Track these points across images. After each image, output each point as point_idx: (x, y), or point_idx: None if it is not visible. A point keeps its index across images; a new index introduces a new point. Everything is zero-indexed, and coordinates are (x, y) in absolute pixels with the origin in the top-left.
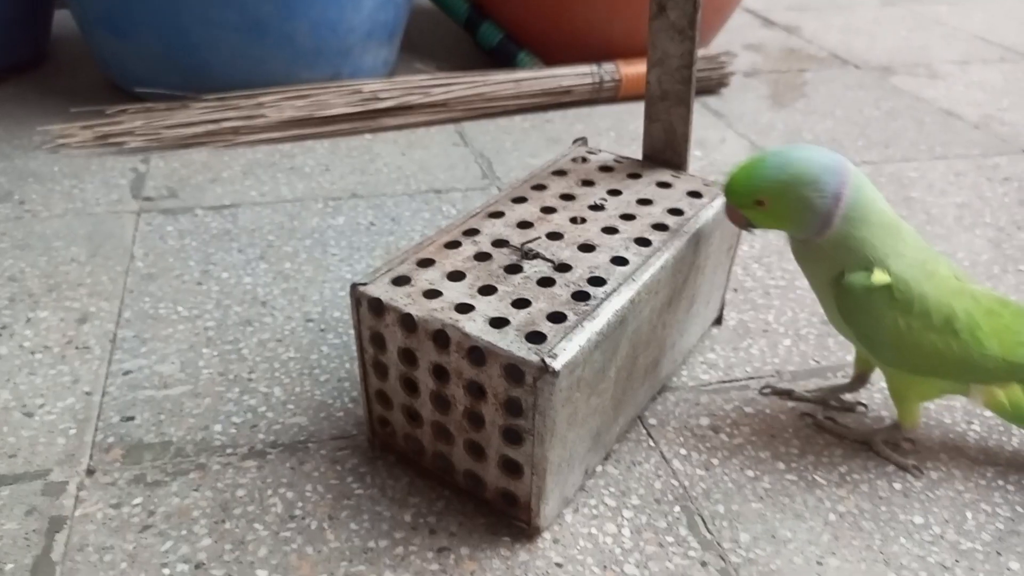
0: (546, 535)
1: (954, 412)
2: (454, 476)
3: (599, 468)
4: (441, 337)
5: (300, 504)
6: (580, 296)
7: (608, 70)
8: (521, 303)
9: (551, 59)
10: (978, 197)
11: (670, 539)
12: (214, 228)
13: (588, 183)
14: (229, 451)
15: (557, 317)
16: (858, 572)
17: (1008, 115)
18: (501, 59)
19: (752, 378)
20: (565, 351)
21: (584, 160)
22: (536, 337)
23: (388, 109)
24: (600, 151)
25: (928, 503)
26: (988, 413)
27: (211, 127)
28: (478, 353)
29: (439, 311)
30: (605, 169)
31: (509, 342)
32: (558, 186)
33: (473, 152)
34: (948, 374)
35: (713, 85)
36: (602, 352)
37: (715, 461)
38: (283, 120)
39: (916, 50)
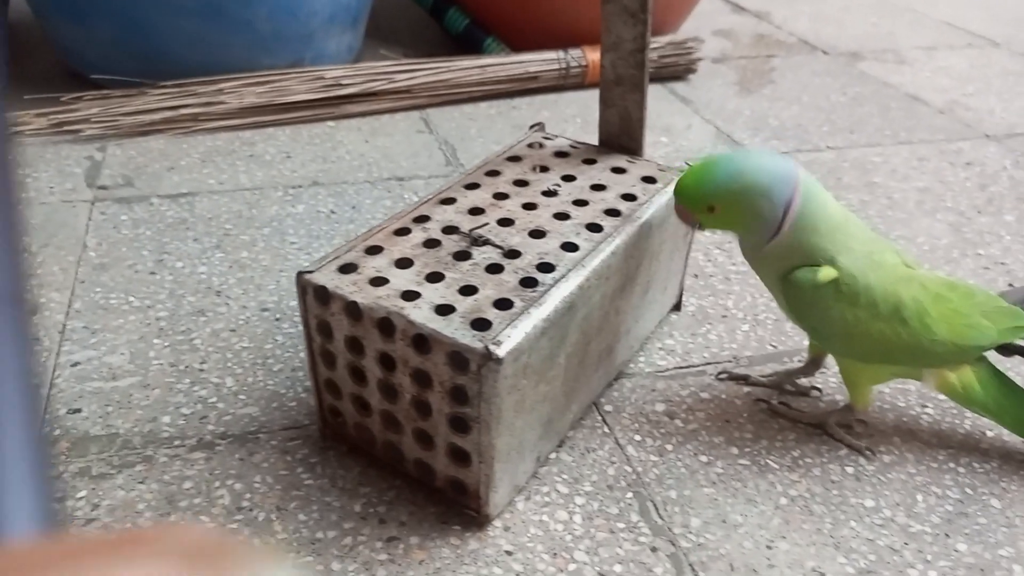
0: (497, 523)
1: (908, 395)
2: (405, 465)
3: (553, 455)
4: (386, 325)
5: (248, 496)
6: (528, 282)
7: (575, 56)
8: (468, 290)
9: (518, 45)
10: (940, 182)
11: (621, 525)
12: (170, 217)
13: (543, 169)
14: (177, 443)
15: (504, 304)
16: (807, 556)
17: (973, 100)
18: (468, 45)
19: (709, 364)
20: (510, 338)
21: (540, 146)
22: (481, 324)
23: (351, 96)
24: (557, 136)
25: (879, 486)
26: (942, 396)
27: (169, 114)
28: (423, 341)
29: (385, 299)
30: (560, 155)
31: (454, 329)
32: (512, 172)
33: (437, 139)
34: (899, 361)
35: (680, 71)
36: (550, 339)
37: (669, 447)
38: (243, 107)
39: (884, 36)
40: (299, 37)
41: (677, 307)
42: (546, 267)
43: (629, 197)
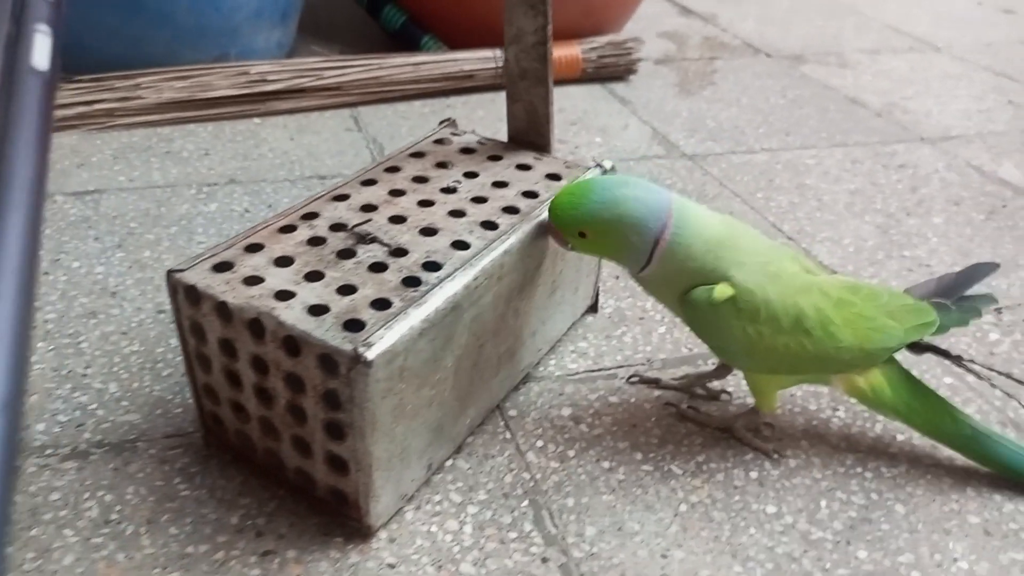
0: (382, 534)
1: (820, 398)
2: (286, 474)
3: (448, 462)
4: (257, 326)
5: (118, 508)
6: (411, 282)
7: None
8: (347, 290)
9: (457, 43)
10: (872, 184)
11: (513, 535)
12: (72, 215)
13: (444, 165)
14: (49, 452)
15: (382, 304)
16: (702, 564)
17: (911, 103)
18: (405, 43)
19: (622, 367)
20: (382, 340)
21: (446, 142)
22: (354, 325)
23: (278, 92)
24: (465, 132)
25: (783, 492)
26: (855, 400)
27: (83, 109)
28: (293, 343)
29: (256, 299)
30: (466, 151)
31: (325, 331)
32: (412, 168)
33: (366, 137)
34: (806, 371)
35: (620, 72)
36: (431, 341)
37: (571, 453)
38: (162, 102)
39: (829, 39)
40: (223, 31)
41: (593, 309)
42: (432, 266)
43: (531, 194)
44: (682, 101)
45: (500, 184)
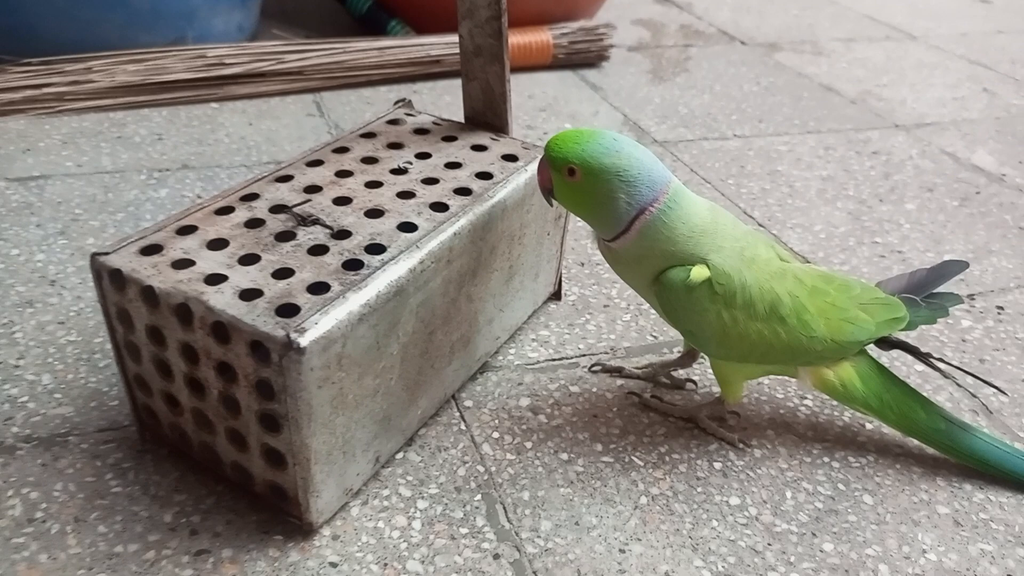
0: (325, 531)
1: (787, 387)
2: (223, 469)
3: (399, 455)
4: (184, 312)
5: (44, 505)
6: (352, 265)
7: None
8: (283, 273)
9: (424, 28)
10: (844, 170)
11: (464, 530)
12: (15, 201)
13: (397, 146)
14: None
15: (320, 288)
16: (661, 559)
17: (886, 91)
18: (372, 27)
19: (584, 355)
20: (317, 325)
21: (400, 122)
22: (288, 310)
23: (236, 76)
24: (421, 113)
25: (747, 483)
26: (824, 394)
27: (32, 93)
28: (222, 329)
29: (185, 283)
30: (421, 132)
31: (255, 316)
32: (362, 149)
33: (328, 123)
34: (777, 360)
35: (592, 58)
36: (373, 327)
37: (529, 444)
38: (115, 86)
39: (804, 28)
40: (180, 14)
41: (556, 296)
42: (376, 248)
43: (485, 175)
44: (655, 88)
45: (453, 165)
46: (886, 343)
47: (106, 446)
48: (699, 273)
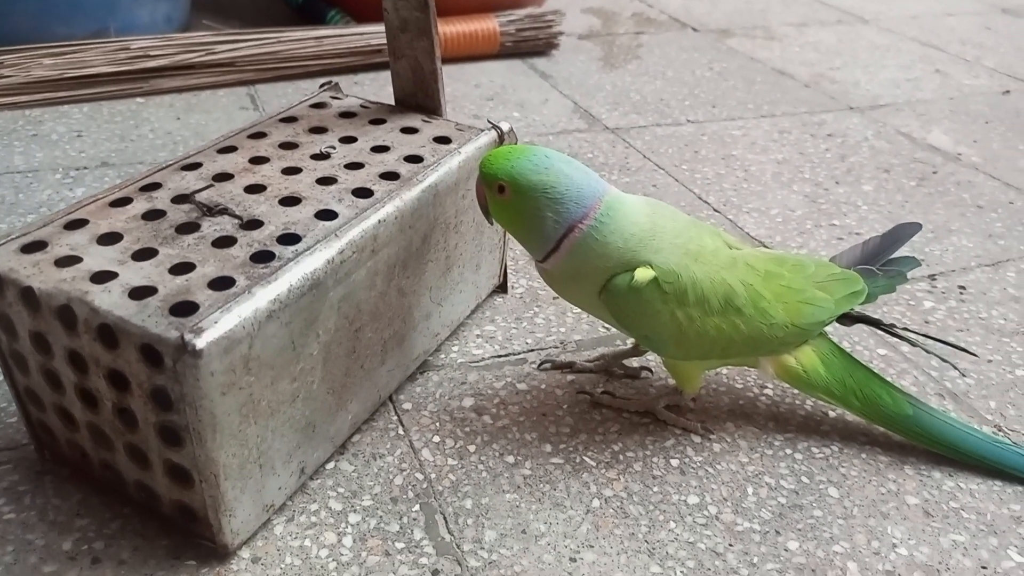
0: (244, 553)
1: (746, 375)
2: (127, 489)
3: (329, 465)
4: (67, 314)
5: None
6: (262, 257)
7: None
8: (183, 268)
9: (364, 17)
10: (799, 153)
11: (400, 545)
12: None
13: (319, 130)
14: None
15: (223, 283)
16: (616, 567)
17: (839, 74)
18: (311, 17)
19: (532, 351)
20: (217, 324)
21: (325, 106)
22: (185, 308)
23: (162, 69)
24: (348, 96)
25: (706, 480)
26: (786, 384)
27: None
28: (109, 332)
29: (68, 282)
30: (347, 115)
31: (146, 317)
32: (281, 134)
33: (263, 116)
34: (738, 354)
35: (541, 46)
36: (286, 325)
37: (472, 448)
38: (29, 81)
39: (756, 13)
40: (100, 4)
41: (502, 289)
42: (290, 239)
43: (414, 159)
44: (606, 75)
45: (380, 149)
46: (848, 318)
47: (1, 468)
48: (643, 274)
